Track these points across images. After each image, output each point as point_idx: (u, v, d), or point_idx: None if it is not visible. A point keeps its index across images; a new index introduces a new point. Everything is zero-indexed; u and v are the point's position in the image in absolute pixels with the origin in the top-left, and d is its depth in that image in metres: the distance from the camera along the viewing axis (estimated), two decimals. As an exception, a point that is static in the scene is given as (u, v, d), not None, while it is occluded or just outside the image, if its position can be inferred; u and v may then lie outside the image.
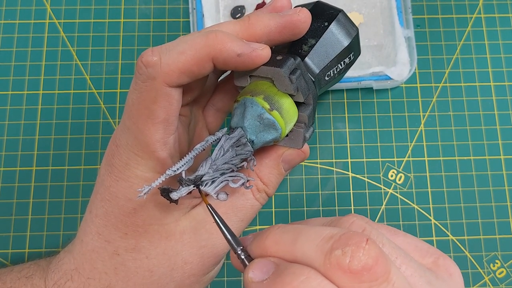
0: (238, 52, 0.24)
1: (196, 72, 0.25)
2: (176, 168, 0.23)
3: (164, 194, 0.23)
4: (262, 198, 0.28)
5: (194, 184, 0.23)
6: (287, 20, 0.25)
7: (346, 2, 0.43)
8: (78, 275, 0.27)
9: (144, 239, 0.26)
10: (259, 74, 0.26)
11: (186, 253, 0.26)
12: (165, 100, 0.25)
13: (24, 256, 0.38)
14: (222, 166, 0.24)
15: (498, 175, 0.41)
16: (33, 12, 0.44)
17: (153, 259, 0.26)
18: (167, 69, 0.24)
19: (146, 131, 0.25)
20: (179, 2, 0.45)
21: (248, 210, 0.27)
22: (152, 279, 0.26)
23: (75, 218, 0.39)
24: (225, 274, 0.38)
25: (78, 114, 0.41)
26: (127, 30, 0.44)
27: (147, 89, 0.25)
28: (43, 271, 0.28)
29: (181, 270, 0.26)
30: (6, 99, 0.42)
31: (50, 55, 0.43)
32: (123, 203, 0.26)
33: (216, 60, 0.24)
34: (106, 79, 0.42)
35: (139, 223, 0.26)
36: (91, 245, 0.27)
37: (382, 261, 0.17)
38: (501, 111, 0.42)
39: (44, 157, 0.40)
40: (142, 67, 0.24)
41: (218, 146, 0.24)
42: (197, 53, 0.24)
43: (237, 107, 0.26)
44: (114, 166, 0.26)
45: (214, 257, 0.27)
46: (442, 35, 0.44)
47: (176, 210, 0.26)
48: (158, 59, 0.24)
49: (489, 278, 0.39)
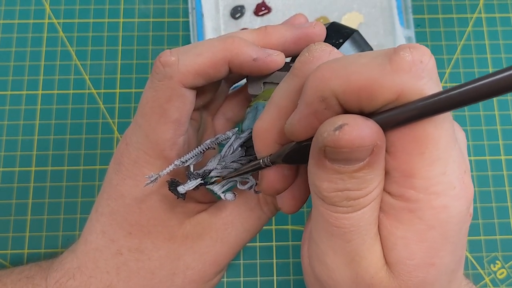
0: (254, 57, 0.25)
1: (212, 75, 0.25)
2: (184, 159, 0.24)
3: (172, 187, 0.23)
4: (270, 211, 0.28)
5: (202, 178, 0.23)
6: (302, 31, 0.26)
7: (346, 2, 0.43)
8: (80, 273, 0.27)
9: (148, 239, 0.26)
10: (273, 80, 0.26)
11: (189, 258, 0.26)
12: (179, 100, 0.25)
13: (23, 256, 0.38)
14: (231, 164, 0.24)
15: (499, 175, 0.41)
16: (32, 12, 0.44)
17: (156, 261, 0.26)
18: (184, 69, 0.25)
19: (157, 129, 0.25)
20: (178, 2, 0.44)
21: (255, 221, 0.27)
22: (153, 282, 0.26)
23: (74, 218, 0.39)
24: (225, 274, 0.38)
25: (77, 114, 0.41)
26: (126, 30, 0.43)
27: (162, 88, 0.25)
28: (44, 271, 0.28)
29: (182, 275, 0.26)
30: (5, 99, 0.42)
31: (49, 55, 0.43)
32: (129, 202, 0.26)
33: (232, 63, 0.25)
34: (105, 79, 0.42)
35: (143, 223, 0.26)
36: (95, 243, 0.27)
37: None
38: (501, 111, 0.42)
39: (43, 157, 0.40)
40: (159, 66, 0.25)
41: (227, 144, 0.24)
42: (214, 56, 0.25)
43: (250, 111, 0.26)
44: (122, 165, 0.26)
45: (216, 265, 0.27)
46: (443, 35, 0.44)
47: (181, 213, 0.27)
48: (176, 59, 0.25)
49: (490, 279, 0.39)
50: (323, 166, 0.18)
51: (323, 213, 0.19)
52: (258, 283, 0.38)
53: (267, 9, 0.43)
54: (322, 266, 0.20)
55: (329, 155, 0.17)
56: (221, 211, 0.27)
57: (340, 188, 0.18)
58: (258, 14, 0.43)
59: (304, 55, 0.20)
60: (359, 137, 0.16)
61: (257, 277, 0.38)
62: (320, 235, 0.20)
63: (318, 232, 0.20)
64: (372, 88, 0.17)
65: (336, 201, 0.18)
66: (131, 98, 0.42)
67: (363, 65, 0.17)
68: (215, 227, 0.26)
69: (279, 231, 0.39)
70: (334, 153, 0.17)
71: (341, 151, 0.17)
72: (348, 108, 0.18)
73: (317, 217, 0.20)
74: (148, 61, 0.43)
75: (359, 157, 0.17)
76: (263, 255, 0.39)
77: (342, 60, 0.18)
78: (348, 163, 0.17)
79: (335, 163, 0.18)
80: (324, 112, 0.18)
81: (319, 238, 0.20)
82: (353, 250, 0.19)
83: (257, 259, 0.39)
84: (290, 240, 0.39)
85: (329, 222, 0.19)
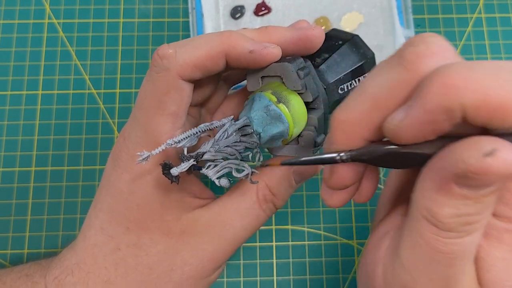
0: (251, 49, 0.25)
1: (210, 67, 0.26)
2: (178, 139, 0.23)
3: (165, 171, 0.23)
4: (269, 209, 0.27)
5: (195, 159, 0.23)
6: (302, 33, 0.26)
7: (346, 2, 0.43)
8: (79, 269, 0.27)
9: (146, 235, 0.26)
10: (269, 73, 0.26)
11: (186, 254, 0.26)
12: (177, 92, 0.25)
13: (23, 256, 0.38)
14: (225, 149, 0.24)
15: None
16: (32, 12, 0.44)
17: (153, 256, 0.26)
18: (182, 61, 0.25)
19: (155, 121, 0.25)
20: (178, 2, 0.44)
21: (253, 219, 0.27)
22: (151, 277, 0.26)
23: (74, 218, 0.39)
24: (225, 274, 0.38)
25: (77, 114, 0.41)
26: (126, 30, 0.43)
27: (160, 80, 0.25)
28: (44, 269, 0.28)
29: (180, 271, 0.26)
30: (5, 99, 0.42)
31: (49, 55, 0.43)
32: (127, 197, 0.26)
33: (229, 56, 0.25)
34: (105, 79, 0.42)
35: (141, 219, 0.26)
36: (93, 239, 0.27)
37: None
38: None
39: (43, 157, 0.40)
40: (157, 59, 0.25)
41: (222, 130, 0.24)
42: (212, 49, 0.25)
43: (247, 103, 0.26)
44: (120, 160, 0.26)
45: (214, 262, 0.27)
46: (443, 35, 0.44)
47: (178, 208, 0.26)
48: (174, 52, 0.25)
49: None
50: (449, 191, 0.16)
51: (429, 238, 0.17)
52: (258, 283, 0.38)
53: (267, 9, 0.43)
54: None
55: (465, 180, 0.16)
56: (219, 208, 0.27)
57: (461, 214, 0.17)
58: (258, 14, 0.43)
59: (419, 46, 0.18)
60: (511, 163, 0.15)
61: (257, 277, 0.38)
62: (416, 261, 0.18)
63: (413, 257, 0.18)
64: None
65: (453, 227, 0.17)
66: (131, 98, 0.42)
67: (504, 81, 0.15)
68: (212, 224, 0.26)
69: (279, 231, 0.39)
70: (473, 180, 0.15)
71: (483, 178, 0.15)
72: (472, 122, 0.16)
73: (417, 242, 0.18)
74: (148, 61, 0.43)
75: (495, 182, 0.16)
76: (263, 255, 0.39)
77: (478, 70, 0.16)
78: (480, 189, 0.16)
79: (465, 188, 0.16)
80: (443, 123, 0.16)
81: (413, 265, 0.18)
82: (452, 276, 0.18)
83: (257, 259, 0.39)
84: (290, 240, 0.39)
85: (434, 248, 0.17)
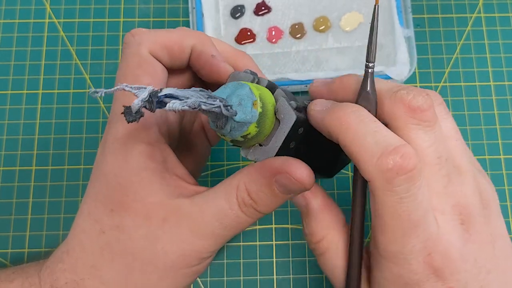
0: (214, 54, 0.27)
1: (176, 53, 0.27)
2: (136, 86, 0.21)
3: (127, 111, 0.21)
4: (250, 212, 0.26)
5: (153, 90, 0.21)
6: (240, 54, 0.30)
7: (346, 2, 0.43)
8: (69, 256, 0.27)
9: (128, 217, 0.26)
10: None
11: (167, 242, 0.25)
12: (150, 67, 0.27)
13: (24, 255, 0.38)
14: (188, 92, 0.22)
15: (498, 174, 0.41)
16: (33, 11, 0.44)
17: (136, 241, 0.26)
18: (152, 38, 0.27)
19: (132, 97, 0.23)
20: (178, 2, 0.45)
21: (233, 219, 0.26)
22: (134, 264, 0.26)
23: (74, 217, 0.39)
24: (225, 274, 0.38)
25: (77, 113, 0.41)
26: (126, 30, 0.43)
27: (131, 55, 0.27)
28: (39, 264, 0.29)
29: (163, 258, 0.26)
30: (6, 98, 0.42)
31: (50, 55, 0.43)
32: (111, 178, 0.26)
33: (194, 49, 0.27)
34: (105, 78, 0.42)
35: (124, 199, 0.26)
36: (81, 226, 0.27)
37: (433, 112, 0.23)
38: (501, 110, 0.42)
39: (43, 156, 0.40)
40: (129, 37, 0.27)
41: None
42: (181, 36, 0.27)
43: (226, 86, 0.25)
44: (106, 143, 0.27)
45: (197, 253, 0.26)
46: (442, 34, 0.44)
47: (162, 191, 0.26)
48: (146, 30, 0.27)
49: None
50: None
51: None
52: (258, 282, 0.38)
53: (267, 9, 0.43)
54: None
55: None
56: (202, 201, 0.26)
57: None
58: (258, 14, 0.43)
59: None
60: None
61: (257, 276, 0.38)
62: None
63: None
64: None
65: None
66: (131, 98, 0.42)
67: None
68: (194, 217, 0.26)
69: (279, 229, 0.39)
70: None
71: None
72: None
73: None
74: (148, 60, 0.43)
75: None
76: (263, 253, 0.39)
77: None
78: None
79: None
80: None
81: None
82: None
83: (257, 258, 0.39)
84: (290, 239, 0.39)
85: None
